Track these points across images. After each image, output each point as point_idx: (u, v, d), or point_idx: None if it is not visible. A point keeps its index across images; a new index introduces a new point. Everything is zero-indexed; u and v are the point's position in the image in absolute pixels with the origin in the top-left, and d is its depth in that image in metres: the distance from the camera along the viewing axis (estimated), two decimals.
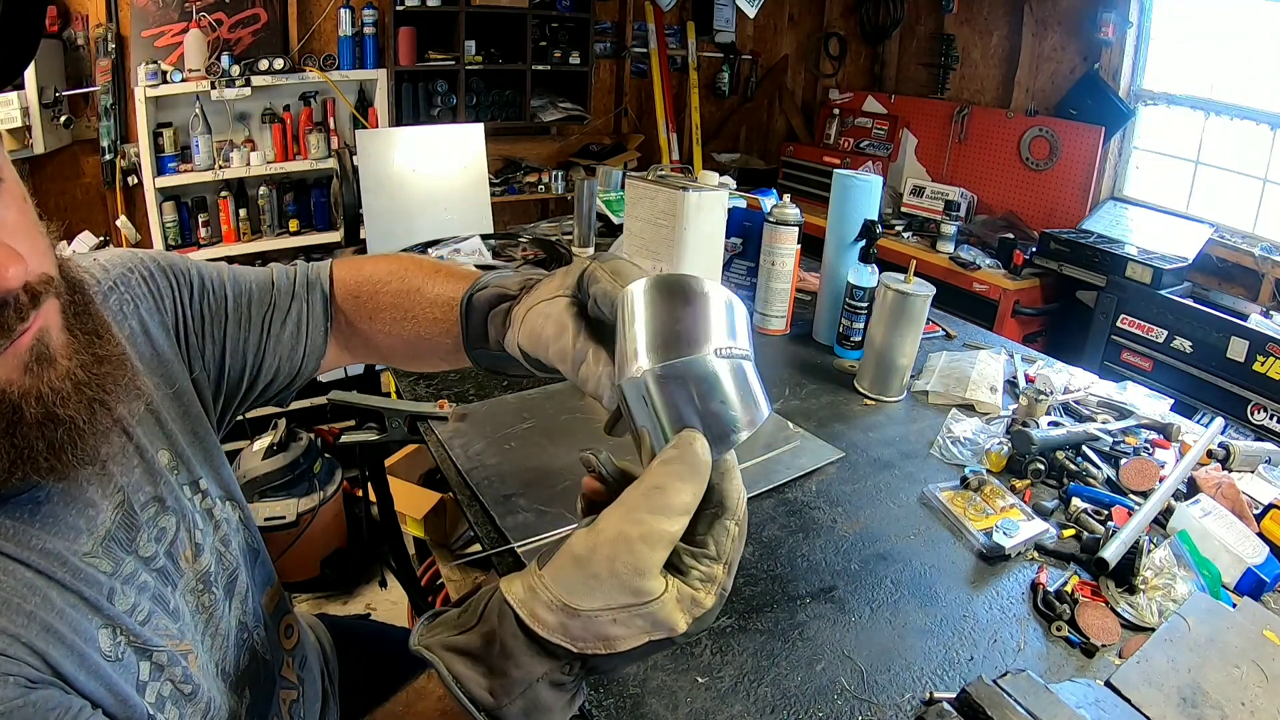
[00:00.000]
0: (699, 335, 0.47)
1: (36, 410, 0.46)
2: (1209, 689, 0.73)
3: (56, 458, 0.47)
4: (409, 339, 0.75)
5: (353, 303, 0.78)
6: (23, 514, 0.50)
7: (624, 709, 0.69)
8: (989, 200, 3.67)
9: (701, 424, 0.47)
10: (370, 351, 0.82)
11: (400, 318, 0.75)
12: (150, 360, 0.66)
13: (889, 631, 0.80)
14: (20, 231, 0.47)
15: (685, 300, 0.49)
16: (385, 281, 0.77)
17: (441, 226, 1.99)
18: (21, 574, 0.48)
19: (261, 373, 0.76)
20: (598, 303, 0.55)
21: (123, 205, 2.96)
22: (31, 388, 0.46)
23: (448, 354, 0.74)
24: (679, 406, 0.47)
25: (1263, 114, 2.86)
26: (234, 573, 0.68)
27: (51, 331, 0.48)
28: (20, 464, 0.46)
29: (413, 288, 0.75)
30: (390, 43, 3.31)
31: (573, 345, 0.55)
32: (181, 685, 0.55)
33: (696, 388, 0.47)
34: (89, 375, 0.50)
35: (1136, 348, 2.75)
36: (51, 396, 0.46)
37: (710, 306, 0.49)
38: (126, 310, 0.66)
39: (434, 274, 0.75)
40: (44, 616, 0.47)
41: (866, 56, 4.43)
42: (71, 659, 0.47)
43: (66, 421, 0.47)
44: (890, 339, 1.26)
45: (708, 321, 0.48)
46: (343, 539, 2.39)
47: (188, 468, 0.66)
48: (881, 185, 1.47)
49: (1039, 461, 1.08)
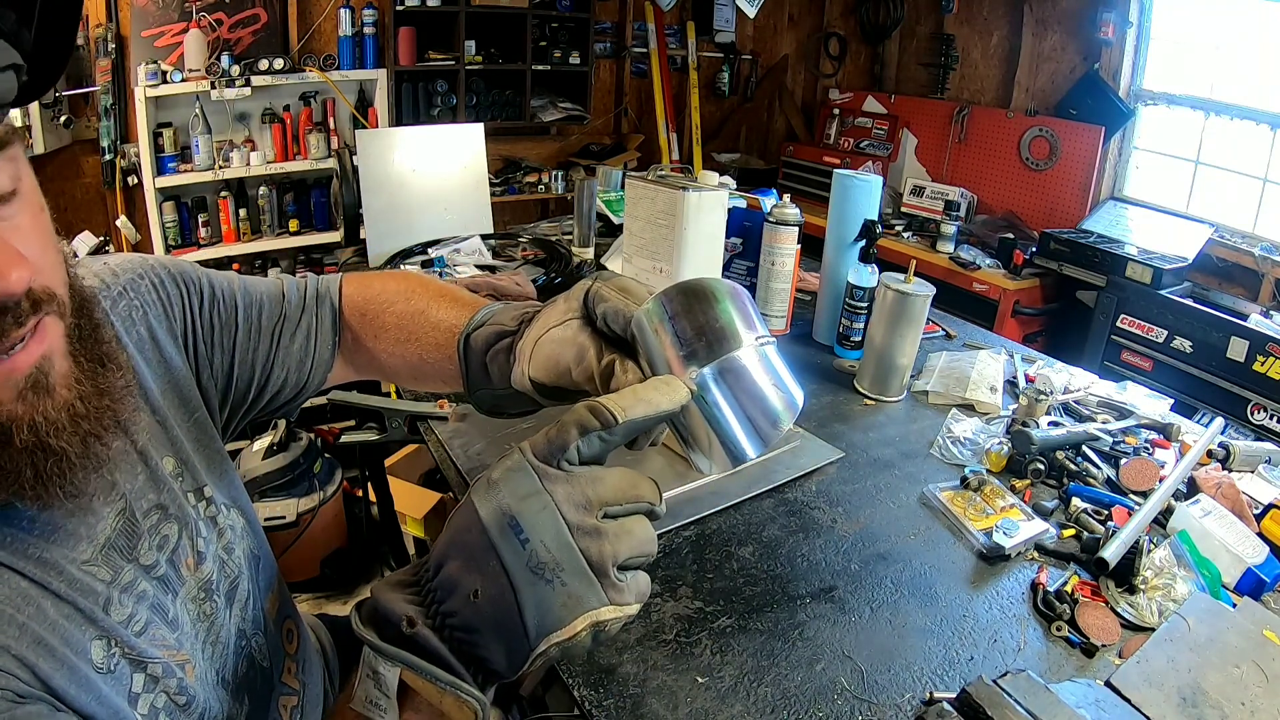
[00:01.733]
0: (736, 330, 0.49)
1: (28, 437, 0.45)
2: (1209, 689, 0.73)
3: (43, 487, 0.46)
4: (413, 361, 0.75)
5: (360, 319, 0.79)
6: (22, 521, 0.49)
7: (624, 709, 0.69)
8: (989, 200, 3.67)
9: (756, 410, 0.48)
10: (375, 368, 0.82)
11: (405, 339, 0.75)
12: (158, 367, 0.66)
13: (889, 631, 0.80)
14: (32, 239, 0.46)
15: (709, 301, 0.49)
16: (392, 301, 0.77)
17: (441, 226, 1.99)
18: (16, 583, 0.47)
19: (269, 383, 0.76)
20: (608, 321, 0.55)
21: (123, 205, 2.96)
22: (25, 415, 0.44)
23: (450, 379, 0.73)
24: (737, 399, 0.48)
25: (1263, 114, 2.86)
26: (236, 580, 0.68)
27: (54, 359, 0.47)
28: (4, 486, 0.45)
29: (418, 310, 0.75)
30: (390, 43, 3.31)
31: (598, 363, 0.54)
32: (176, 697, 0.55)
33: (748, 378, 0.48)
34: (88, 408, 0.48)
35: (1136, 348, 2.75)
36: (45, 426, 0.45)
37: (732, 302, 0.50)
38: (135, 317, 0.66)
39: (439, 298, 0.75)
40: (36, 629, 0.47)
41: (866, 56, 4.43)
42: (62, 672, 0.47)
43: (59, 453, 0.46)
44: (890, 339, 1.26)
45: (734, 317, 0.49)
46: (343, 539, 2.39)
47: (192, 475, 0.65)
48: (881, 185, 1.47)
49: (1039, 461, 1.08)
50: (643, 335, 0.50)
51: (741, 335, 0.48)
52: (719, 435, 0.49)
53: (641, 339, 0.51)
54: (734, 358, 0.48)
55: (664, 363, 0.49)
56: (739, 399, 0.48)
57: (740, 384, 0.48)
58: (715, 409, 0.48)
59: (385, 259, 1.83)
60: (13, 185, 0.45)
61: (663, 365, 0.49)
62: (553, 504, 0.44)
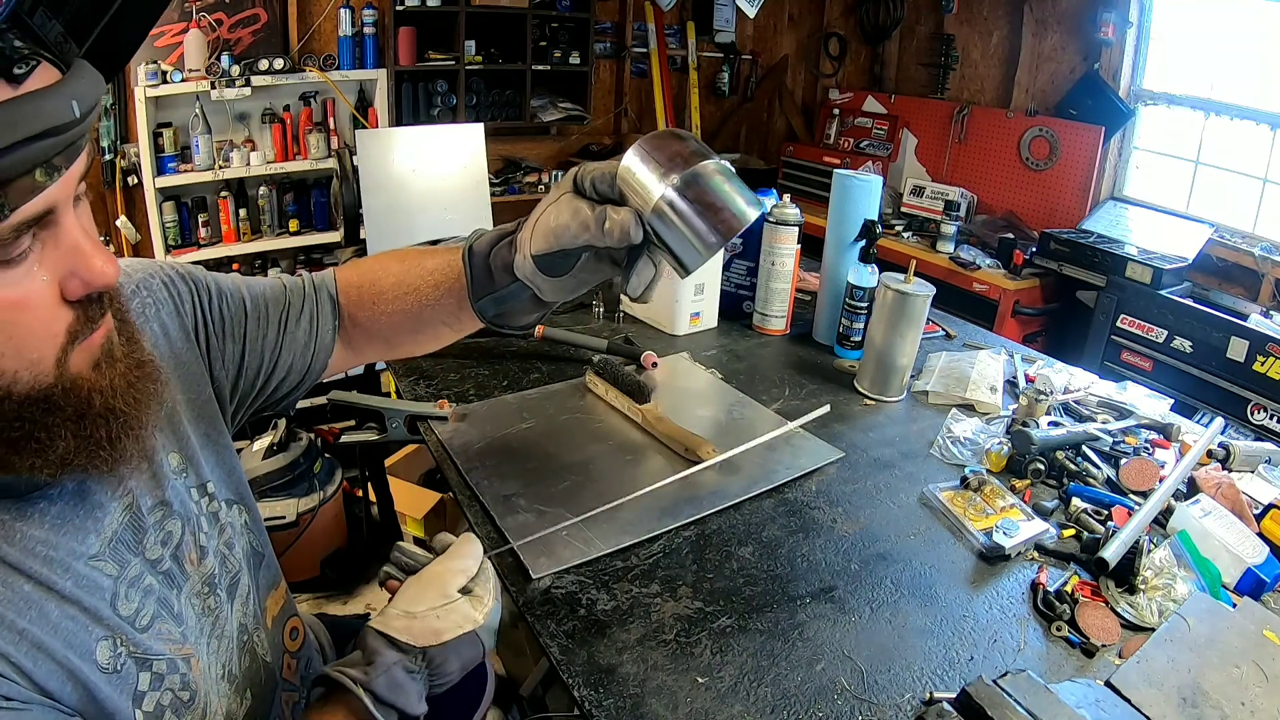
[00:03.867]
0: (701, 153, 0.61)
1: (101, 402, 0.51)
2: (1209, 689, 0.73)
3: (113, 448, 0.51)
4: (412, 311, 0.78)
5: (356, 294, 0.81)
6: (32, 514, 0.50)
7: (624, 709, 0.69)
8: (989, 200, 3.67)
9: (727, 205, 0.60)
10: (375, 340, 0.84)
11: (403, 292, 0.78)
12: (169, 362, 0.68)
13: (889, 631, 0.80)
14: (95, 232, 0.52)
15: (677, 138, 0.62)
16: (385, 266, 0.81)
17: (441, 226, 1.99)
18: (19, 587, 0.48)
19: (276, 370, 0.78)
20: (595, 185, 0.63)
21: (123, 205, 2.96)
22: (98, 383, 0.51)
23: (450, 317, 0.77)
24: (707, 199, 0.59)
25: (1263, 114, 2.86)
26: (236, 576, 0.68)
27: (113, 334, 0.54)
28: (82, 451, 0.50)
29: (411, 265, 0.79)
30: (390, 43, 3.31)
31: (592, 212, 0.62)
32: (180, 693, 0.56)
33: (714, 184, 0.60)
34: (136, 375, 0.55)
35: (1136, 348, 2.75)
36: (111, 392, 0.52)
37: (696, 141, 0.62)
38: (149, 314, 0.68)
39: (431, 251, 0.80)
40: (37, 633, 0.48)
41: (866, 56, 4.43)
42: (59, 676, 0.48)
43: (122, 415, 0.52)
44: (890, 339, 1.26)
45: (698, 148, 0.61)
46: (343, 539, 2.39)
47: (196, 471, 0.67)
48: (881, 185, 1.47)
49: (1039, 461, 1.08)
50: (626, 179, 0.61)
51: (705, 155, 0.61)
52: (693, 231, 0.60)
53: (626, 179, 0.61)
54: (702, 165, 0.60)
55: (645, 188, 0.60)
56: (709, 195, 0.60)
57: (708, 184, 0.60)
58: (688, 208, 0.59)
59: None
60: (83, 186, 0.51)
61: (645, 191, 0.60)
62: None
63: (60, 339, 0.48)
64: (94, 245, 0.49)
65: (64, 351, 0.49)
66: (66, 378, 0.49)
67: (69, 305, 0.49)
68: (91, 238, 0.50)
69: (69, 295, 0.48)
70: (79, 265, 0.48)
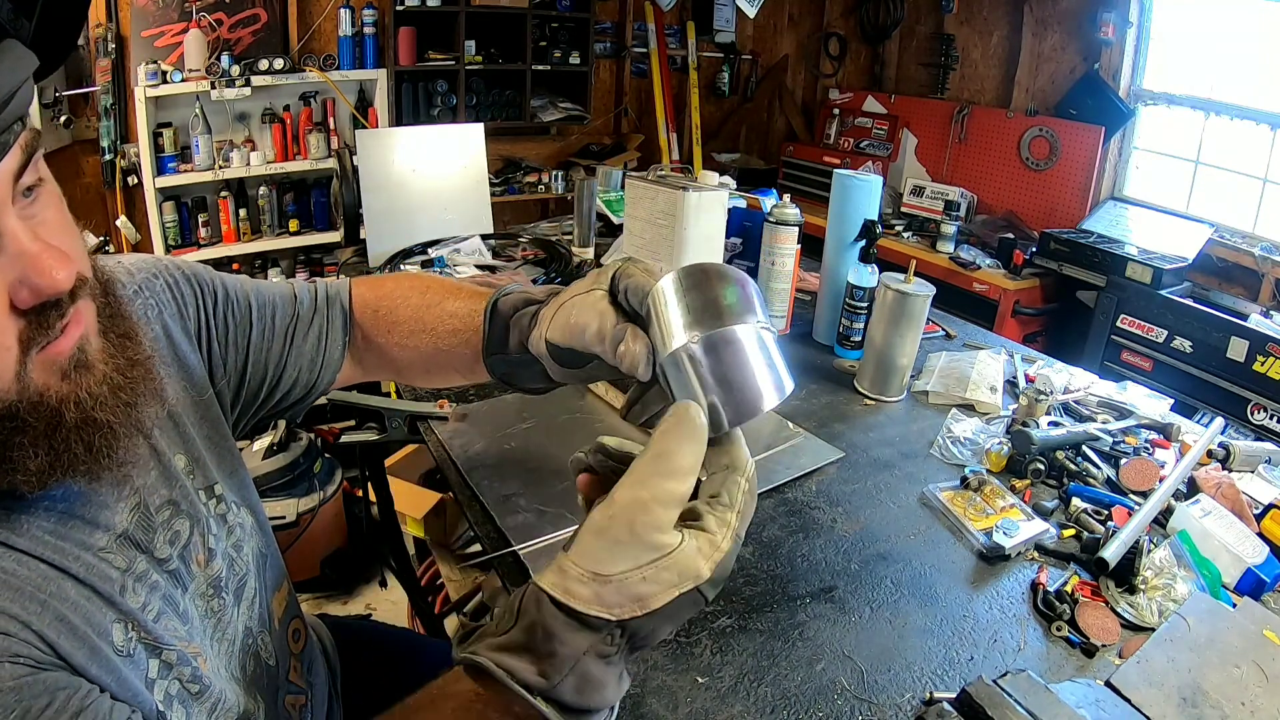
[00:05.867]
0: (738, 310, 0.52)
1: (75, 415, 0.47)
2: (1209, 689, 0.73)
3: (94, 460, 0.48)
4: (426, 351, 0.76)
5: (371, 317, 0.80)
6: (38, 511, 0.50)
7: (624, 709, 0.69)
8: (989, 200, 3.67)
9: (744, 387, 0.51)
10: (385, 365, 0.83)
11: (418, 330, 0.76)
12: (172, 364, 0.67)
13: (889, 631, 0.80)
14: (61, 231, 0.48)
15: (719, 282, 0.53)
16: (405, 296, 0.79)
17: (441, 226, 1.99)
18: (36, 566, 0.48)
19: (280, 383, 0.77)
20: (628, 295, 0.58)
21: (123, 205, 2.96)
22: (70, 393, 0.47)
23: (463, 365, 0.75)
24: (724, 372, 0.51)
25: (1263, 114, 2.86)
26: (244, 578, 0.68)
27: (90, 337, 0.49)
28: (58, 467, 0.47)
29: (432, 302, 0.76)
30: (390, 43, 3.31)
31: (611, 327, 0.57)
32: (189, 684, 0.55)
33: (740, 356, 0.51)
34: (123, 379, 0.51)
35: (1136, 348, 2.75)
36: (89, 401, 0.48)
37: (740, 287, 0.53)
38: (150, 315, 0.66)
39: (455, 291, 0.77)
40: (57, 606, 0.47)
41: (866, 56, 4.44)
42: (83, 650, 0.47)
43: (104, 425, 0.48)
44: (890, 339, 1.26)
45: (739, 299, 0.52)
46: (343, 539, 2.39)
47: (203, 472, 0.66)
48: (881, 185, 1.47)
49: (1039, 461, 1.08)
50: (655, 306, 0.54)
51: (743, 315, 0.51)
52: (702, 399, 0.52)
53: (654, 309, 0.54)
54: (731, 330, 0.50)
55: (669, 328, 0.52)
56: (729, 369, 0.51)
57: (734, 355, 0.51)
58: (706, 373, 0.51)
59: (385, 259, 1.83)
60: (37, 176, 0.47)
61: (668, 331, 0.52)
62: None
63: (13, 351, 0.44)
64: (43, 248, 0.45)
65: (20, 364, 0.45)
66: (31, 391, 0.45)
67: (19, 314, 0.45)
68: (44, 240, 0.45)
69: (19, 305, 0.44)
70: (27, 272, 0.44)
